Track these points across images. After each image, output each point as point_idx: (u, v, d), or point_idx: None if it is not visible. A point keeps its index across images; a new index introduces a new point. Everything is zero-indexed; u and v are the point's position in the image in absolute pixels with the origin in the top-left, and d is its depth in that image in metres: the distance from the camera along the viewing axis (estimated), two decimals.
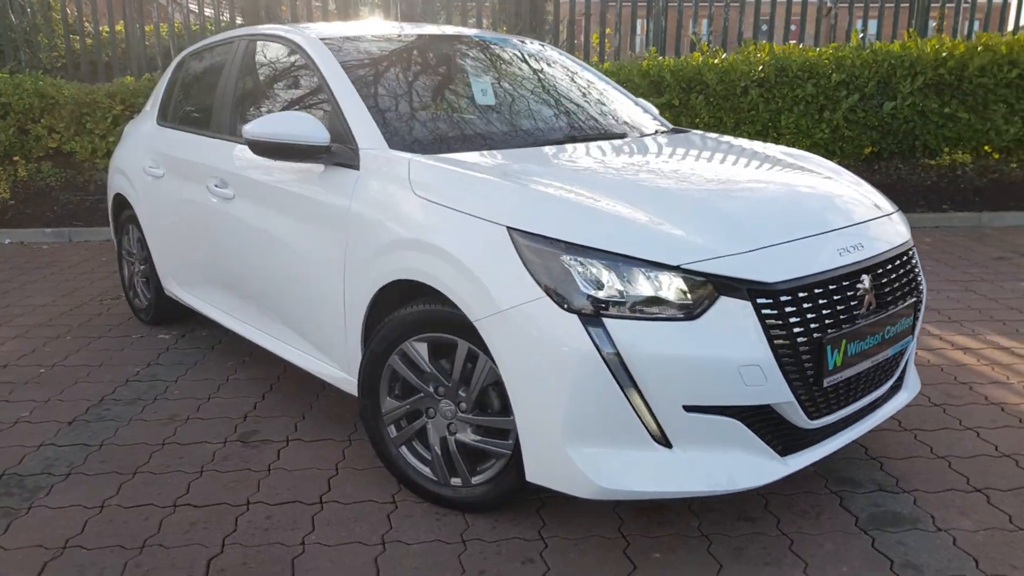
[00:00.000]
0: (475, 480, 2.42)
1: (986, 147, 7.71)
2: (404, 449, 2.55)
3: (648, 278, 2.06)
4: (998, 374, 3.48)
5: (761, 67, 7.42)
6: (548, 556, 2.25)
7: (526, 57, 3.57)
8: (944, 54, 7.52)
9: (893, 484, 2.59)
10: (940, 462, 2.73)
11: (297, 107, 3.08)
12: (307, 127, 2.68)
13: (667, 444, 2.08)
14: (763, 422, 2.15)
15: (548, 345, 2.06)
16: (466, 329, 2.29)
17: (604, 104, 3.44)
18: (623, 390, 2.03)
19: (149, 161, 3.97)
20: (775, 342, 2.07)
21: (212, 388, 3.50)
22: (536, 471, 2.18)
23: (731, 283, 2.07)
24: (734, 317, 2.06)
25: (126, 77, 7.73)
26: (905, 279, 2.50)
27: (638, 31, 9.40)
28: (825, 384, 2.18)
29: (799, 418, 2.18)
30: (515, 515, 2.44)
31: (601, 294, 2.05)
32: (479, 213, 2.25)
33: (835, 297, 2.21)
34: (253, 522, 2.45)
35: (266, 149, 2.73)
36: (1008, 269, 5.27)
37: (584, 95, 3.43)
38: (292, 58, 3.22)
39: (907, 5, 9.20)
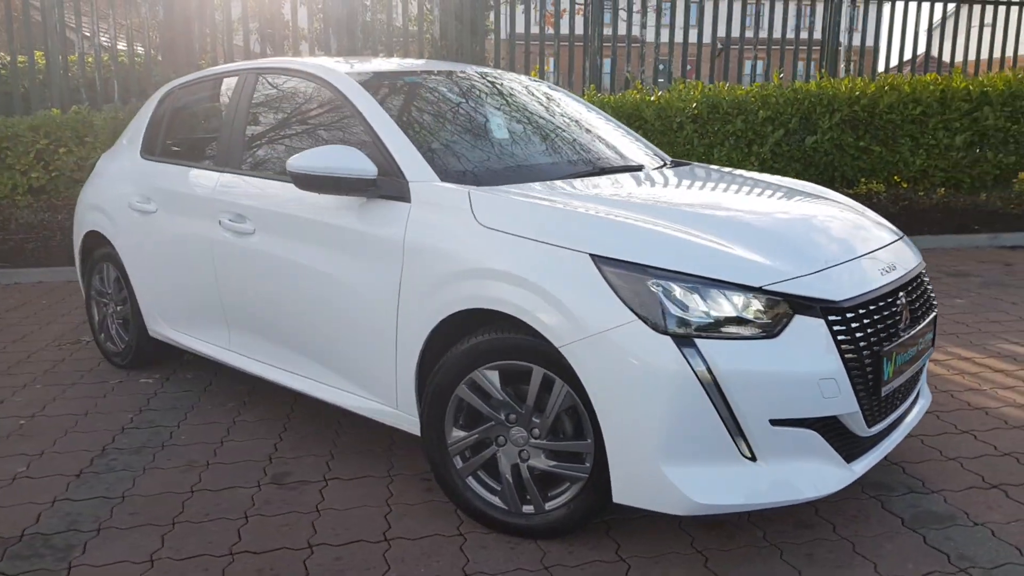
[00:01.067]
0: (549, 506, 2.44)
1: (896, 177, 8.35)
2: (471, 480, 2.55)
3: (731, 300, 2.17)
4: (970, 382, 3.78)
5: (695, 104, 7.81)
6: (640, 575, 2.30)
7: (536, 93, 3.67)
8: (857, 93, 8.14)
9: (920, 486, 2.79)
10: (952, 463, 2.95)
11: (327, 142, 3.06)
12: (355, 160, 2.68)
13: (752, 458, 2.18)
14: (831, 432, 2.29)
15: (642, 367, 2.13)
16: (541, 355, 2.34)
17: (612, 137, 3.57)
18: (716, 408, 2.12)
19: (136, 197, 3.81)
20: (845, 356, 2.22)
21: (221, 432, 3.38)
22: (625, 491, 2.23)
23: (805, 302, 2.21)
24: (810, 334, 2.20)
25: (52, 110, 7.35)
26: (925, 295, 2.72)
27: (545, 68, 9.67)
28: (883, 393, 2.34)
29: (859, 427, 2.33)
30: (586, 539, 2.48)
31: (689, 316, 2.14)
32: (558, 241, 2.31)
33: (884, 313, 2.39)
34: (323, 565, 2.39)
35: (312, 182, 2.71)
36: (941, 288, 5.72)
37: (593, 128, 3.55)
38: (314, 92, 3.19)
39: (805, 48, 9.90)
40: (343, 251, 2.82)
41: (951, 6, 10.07)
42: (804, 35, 9.83)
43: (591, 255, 2.25)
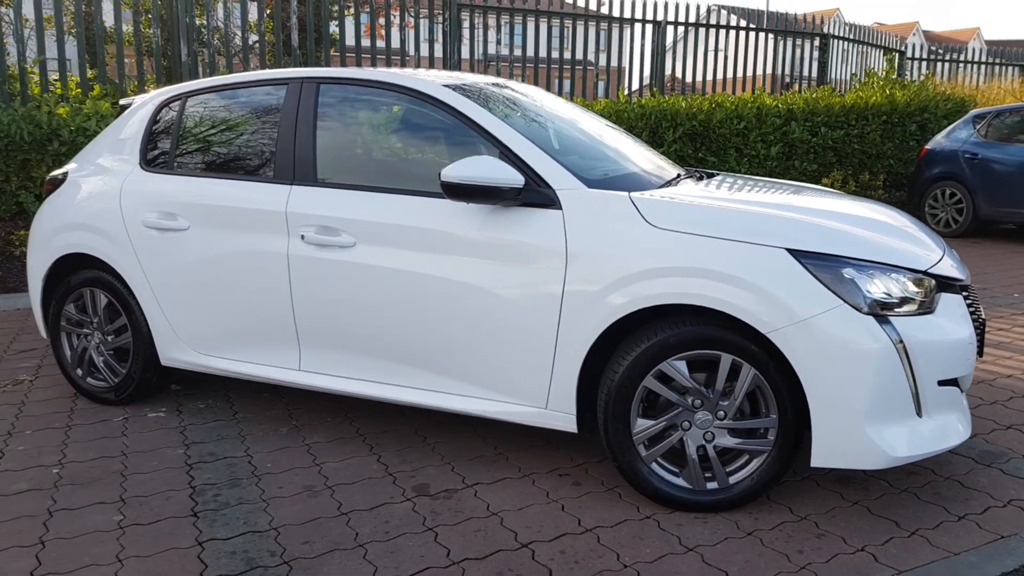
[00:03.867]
0: (732, 480, 2.69)
1: None
2: (654, 465, 2.73)
3: (904, 282, 2.57)
4: None
5: None
6: (829, 528, 2.62)
7: (578, 107, 3.88)
8: (695, 110, 9.15)
9: None
10: None
11: (437, 154, 3.07)
12: (504, 170, 2.75)
13: (919, 414, 2.60)
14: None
15: (853, 343, 2.46)
16: (729, 343, 2.59)
17: (645, 149, 3.88)
18: (906, 375, 2.51)
19: (153, 214, 3.47)
20: (974, 324, 2.72)
21: (303, 456, 3.20)
22: (826, 455, 2.54)
23: (950, 281, 2.67)
24: (954, 307, 2.66)
25: None
26: None
27: None
28: (983, 355, 2.87)
29: (966, 383, 2.84)
30: (759, 508, 2.76)
31: (878, 298, 2.51)
32: (750, 239, 2.57)
33: (971, 289, 2.93)
34: (555, 559, 2.45)
35: (465, 191, 2.75)
36: None
37: (634, 141, 3.83)
38: (402, 103, 3.17)
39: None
40: (481, 258, 2.86)
41: (681, 30, 11.13)
42: (567, 55, 10.67)
43: (788, 249, 2.54)
